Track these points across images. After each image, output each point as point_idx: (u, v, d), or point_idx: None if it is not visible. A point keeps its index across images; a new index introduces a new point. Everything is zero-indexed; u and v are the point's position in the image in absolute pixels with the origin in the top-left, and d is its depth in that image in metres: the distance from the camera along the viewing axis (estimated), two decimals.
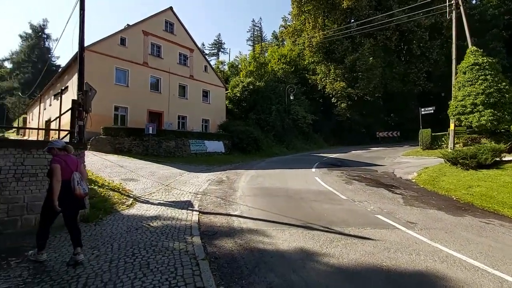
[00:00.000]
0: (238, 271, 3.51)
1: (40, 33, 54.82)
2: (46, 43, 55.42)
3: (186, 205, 6.74)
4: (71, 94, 15.76)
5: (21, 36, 54.46)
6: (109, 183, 8.20)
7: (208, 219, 5.74)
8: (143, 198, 7.28)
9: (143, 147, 16.00)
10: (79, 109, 6.96)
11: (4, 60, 56.61)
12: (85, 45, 8.31)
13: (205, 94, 25.84)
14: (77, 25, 7.69)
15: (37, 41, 54.26)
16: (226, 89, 29.11)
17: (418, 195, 8.27)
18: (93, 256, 3.68)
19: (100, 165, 10.88)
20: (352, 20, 37.07)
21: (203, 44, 68.29)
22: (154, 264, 3.42)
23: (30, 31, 54.22)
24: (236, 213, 6.18)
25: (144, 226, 5.00)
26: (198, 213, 6.05)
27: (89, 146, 14.02)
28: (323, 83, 36.45)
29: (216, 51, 72.57)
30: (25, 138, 23.75)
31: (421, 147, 19.31)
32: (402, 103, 36.65)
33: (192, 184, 9.54)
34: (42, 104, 26.89)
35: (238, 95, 28.97)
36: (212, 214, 6.10)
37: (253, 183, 9.87)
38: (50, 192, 3.46)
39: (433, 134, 19.14)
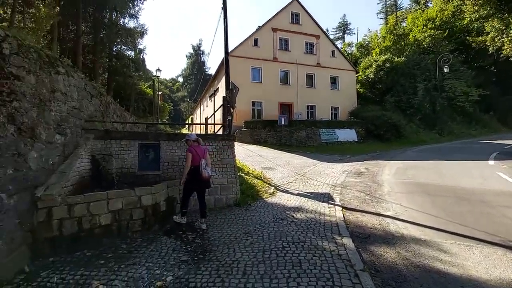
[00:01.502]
0: None
1: (197, 51, 70.26)
2: (202, 58, 70.28)
3: (325, 197, 6.32)
4: (221, 93, 18.81)
5: (187, 56, 72.33)
6: (252, 171, 9.00)
7: (354, 217, 5.06)
8: (283, 187, 7.45)
9: (277, 137, 16.94)
10: (227, 105, 7.88)
11: (178, 76, 78.09)
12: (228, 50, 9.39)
13: (333, 80, 24.43)
14: (221, 42, 8.74)
15: (196, 57, 70.11)
16: (357, 72, 26.41)
17: None
18: (248, 243, 3.87)
19: (244, 155, 12.26)
20: None
21: (327, 29, 65.10)
22: (306, 264, 3.16)
23: (192, 51, 70.61)
24: (389, 213, 5.15)
25: (289, 217, 4.95)
26: (341, 208, 5.48)
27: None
28: (497, 43, 26.25)
29: (341, 33, 67.17)
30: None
31: None
32: None
33: (327, 175, 9.04)
34: (201, 106, 34.07)
35: (371, 76, 25.74)
36: (358, 211, 5.35)
37: (402, 177, 8.21)
38: (183, 172, 4.55)
39: None
